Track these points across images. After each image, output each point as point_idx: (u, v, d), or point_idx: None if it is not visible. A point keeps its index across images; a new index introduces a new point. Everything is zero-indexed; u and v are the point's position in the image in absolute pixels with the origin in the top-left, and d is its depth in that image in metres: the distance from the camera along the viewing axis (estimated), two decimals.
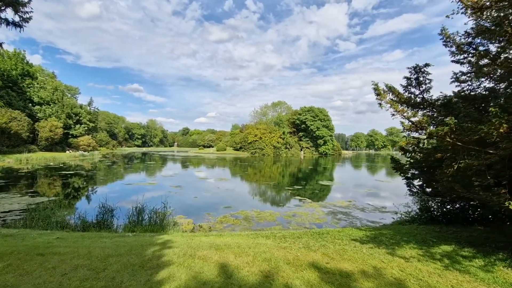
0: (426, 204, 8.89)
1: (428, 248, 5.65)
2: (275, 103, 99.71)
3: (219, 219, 11.53)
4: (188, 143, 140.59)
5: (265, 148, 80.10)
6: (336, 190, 20.71)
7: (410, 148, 8.75)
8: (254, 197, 17.91)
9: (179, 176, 27.47)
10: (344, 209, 13.90)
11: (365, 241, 6.14)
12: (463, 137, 5.13)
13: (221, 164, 46.70)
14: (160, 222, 9.27)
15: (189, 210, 13.02)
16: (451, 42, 9.95)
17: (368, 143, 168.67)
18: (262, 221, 11.32)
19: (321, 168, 43.34)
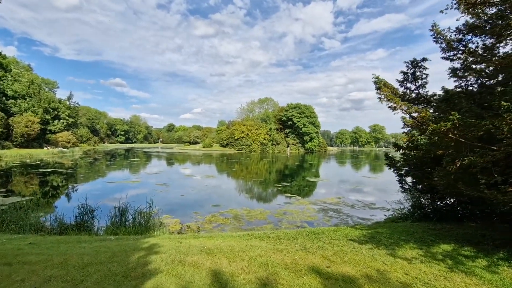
0: (419, 201, 8.81)
1: (428, 248, 5.48)
2: (262, 100, 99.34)
3: (208, 218, 11.08)
4: (173, 139, 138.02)
5: (252, 144, 79.72)
6: (324, 187, 20.67)
7: (404, 144, 8.63)
8: (242, 194, 17.54)
9: (165, 174, 26.67)
10: (334, 206, 13.78)
11: (363, 241, 5.91)
12: (466, 133, 4.94)
13: (208, 161, 45.98)
14: (145, 223, 8.72)
15: (176, 209, 12.48)
16: (441, 38, 9.89)
17: (352, 140, 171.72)
18: (252, 220, 10.97)
19: (308, 165, 43.50)
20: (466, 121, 4.92)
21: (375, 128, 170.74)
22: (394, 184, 23.64)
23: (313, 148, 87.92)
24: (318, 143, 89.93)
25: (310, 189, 19.78)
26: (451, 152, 5.19)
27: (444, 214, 8.76)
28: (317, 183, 22.45)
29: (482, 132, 4.68)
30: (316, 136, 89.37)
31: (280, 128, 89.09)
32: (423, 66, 7.37)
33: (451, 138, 5.06)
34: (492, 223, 7.96)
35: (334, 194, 17.21)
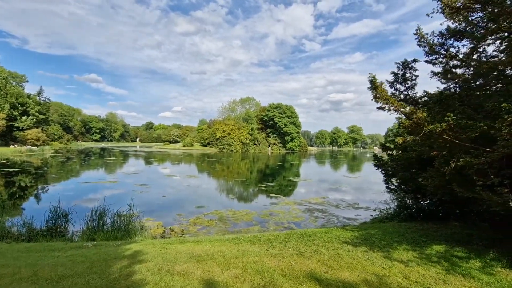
0: (404, 201, 8.93)
1: (422, 249, 5.45)
2: (244, 99, 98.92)
3: (192, 220, 10.64)
4: (152, 138, 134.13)
5: (233, 144, 79.11)
6: (307, 187, 20.74)
7: (392, 145, 8.69)
8: (227, 195, 17.16)
9: (144, 173, 25.65)
10: (319, 206, 13.78)
11: (357, 244, 5.80)
12: (460, 135, 4.94)
13: (189, 160, 44.98)
14: (125, 227, 8.16)
15: (158, 211, 11.90)
16: (425, 42, 10.09)
17: (331, 140, 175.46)
18: (238, 222, 10.66)
19: (289, 165, 43.75)
20: (460, 123, 4.92)
21: (353, 129, 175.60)
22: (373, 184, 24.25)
23: (294, 148, 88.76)
24: (299, 143, 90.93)
25: (293, 189, 19.77)
26: (445, 154, 5.18)
27: (428, 213, 8.93)
28: (300, 183, 22.51)
29: (477, 133, 4.68)
30: (297, 136, 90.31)
31: (262, 128, 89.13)
32: (413, 67, 7.42)
33: (446, 139, 5.05)
34: (472, 221, 8.20)
35: (318, 194, 17.26)
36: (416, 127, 5.28)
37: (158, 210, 12.02)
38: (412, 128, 5.26)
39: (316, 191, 18.88)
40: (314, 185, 21.62)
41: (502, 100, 4.50)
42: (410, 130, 5.25)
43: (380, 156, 8.81)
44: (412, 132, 5.37)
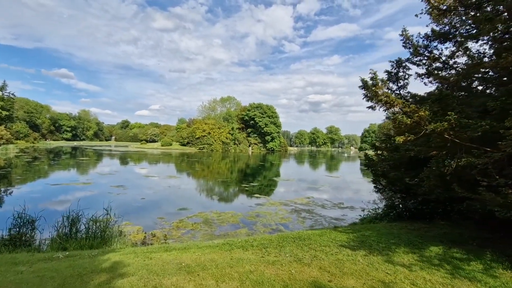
0: (392, 201, 8.90)
1: (420, 252, 5.31)
2: (224, 98, 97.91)
3: (175, 224, 10.01)
4: (128, 137, 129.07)
5: (213, 143, 77.94)
6: (291, 187, 20.60)
7: (382, 145, 8.62)
8: (210, 196, 16.57)
9: (120, 174, 24.32)
10: (305, 207, 13.60)
11: (355, 247, 5.56)
12: (461, 134, 4.83)
13: (168, 160, 43.57)
14: (101, 233, 7.43)
15: (137, 214, 11.13)
16: (410, 43, 10.17)
17: (310, 140, 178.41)
18: (224, 224, 10.19)
19: (271, 164, 43.68)
20: (461, 122, 4.81)
21: (331, 129, 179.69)
22: (354, 183, 24.60)
23: (274, 148, 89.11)
24: (279, 143, 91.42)
25: (277, 189, 19.53)
26: (444, 153, 5.05)
27: (414, 213, 8.98)
28: (283, 183, 22.34)
29: (478, 133, 4.58)
30: (278, 136, 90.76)
31: (242, 128, 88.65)
32: (407, 66, 7.34)
33: (446, 138, 4.92)
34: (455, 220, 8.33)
35: (302, 194, 17.14)
36: (416, 126, 5.11)
37: (137, 214, 11.25)
38: (411, 127, 5.09)
39: (300, 191, 18.76)
40: (297, 185, 21.54)
41: (504, 99, 4.41)
42: (408, 129, 5.07)
43: (371, 156, 8.72)
44: (410, 131, 5.20)
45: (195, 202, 14.15)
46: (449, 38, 9.16)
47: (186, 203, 13.42)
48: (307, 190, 19.02)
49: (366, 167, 8.82)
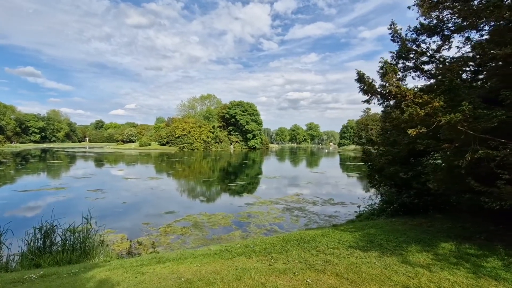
0: (391, 196, 8.75)
1: (433, 249, 5.07)
2: (204, 96, 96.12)
3: (163, 229, 9.29)
4: (103, 138, 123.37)
5: (194, 142, 76.29)
6: (279, 184, 20.29)
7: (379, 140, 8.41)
8: (197, 197, 15.83)
9: (97, 177, 22.84)
10: (297, 204, 13.30)
11: (365, 248, 5.24)
12: (475, 125, 4.60)
13: (147, 161, 41.89)
14: (81, 245, 6.62)
15: (119, 221, 10.26)
16: (398, 37, 10.07)
17: (291, 137, 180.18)
18: (216, 227, 9.61)
19: (254, 162, 43.30)
20: (475, 112, 4.59)
21: (311, 126, 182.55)
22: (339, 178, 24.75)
23: (256, 146, 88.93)
24: (260, 141, 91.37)
25: (265, 187, 19.13)
26: (458, 146, 4.82)
27: (410, 207, 8.91)
28: (270, 181, 21.99)
29: (495, 124, 4.37)
30: (259, 134, 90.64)
31: (223, 126, 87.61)
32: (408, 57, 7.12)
33: (459, 130, 4.69)
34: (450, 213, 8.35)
35: (291, 192, 16.86)
36: (425, 118, 4.84)
37: (119, 220, 10.38)
38: (422, 119, 4.81)
39: (288, 188, 18.50)
40: (284, 183, 21.28)
41: None
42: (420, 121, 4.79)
43: (368, 151, 8.51)
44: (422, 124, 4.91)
45: (182, 204, 13.41)
46: (437, 31, 9.13)
47: (172, 206, 12.66)
48: (295, 187, 18.79)
49: (363, 162, 8.62)
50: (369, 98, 9.16)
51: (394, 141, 7.69)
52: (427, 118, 4.84)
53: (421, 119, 4.78)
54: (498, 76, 6.27)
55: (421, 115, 4.57)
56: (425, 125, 4.93)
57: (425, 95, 4.74)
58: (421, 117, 4.64)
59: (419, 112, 4.58)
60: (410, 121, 5.01)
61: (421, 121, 4.91)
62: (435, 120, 4.79)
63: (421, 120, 4.90)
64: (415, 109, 4.61)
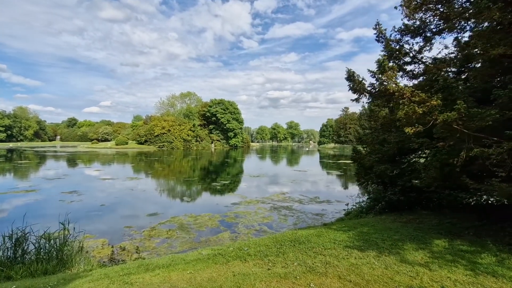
0: (379, 194, 8.86)
1: (427, 247, 5.11)
2: (184, 94, 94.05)
3: (147, 232, 8.83)
4: (76, 136, 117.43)
5: (174, 141, 74.52)
6: (263, 183, 20.17)
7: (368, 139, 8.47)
8: (180, 198, 15.31)
9: (71, 177, 21.55)
10: (283, 203, 13.22)
11: (362, 247, 5.18)
12: (469, 124, 4.66)
13: (125, 160, 40.29)
14: (58, 253, 6.09)
15: (99, 225, 9.64)
16: (383, 37, 10.24)
17: (271, 136, 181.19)
18: (203, 229, 9.28)
19: (237, 161, 42.97)
20: (470, 111, 4.64)
21: (291, 124, 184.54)
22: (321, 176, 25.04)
23: (237, 144, 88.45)
24: (242, 139, 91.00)
25: (250, 186, 18.93)
26: (452, 144, 4.87)
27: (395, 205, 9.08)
28: (255, 180, 21.82)
29: (489, 122, 4.44)
30: (240, 132, 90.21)
31: (204, 124, 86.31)
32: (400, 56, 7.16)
33: (454, 129, 4.73)
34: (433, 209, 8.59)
35: (276, 190, 16.79)
36: (421, 116, 4.84)
37: (99, 224, 9.75)
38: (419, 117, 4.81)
39: (273, 187, 18.42)
40: (269, 181, 21.20)
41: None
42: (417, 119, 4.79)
43: (359, 150, 8.55)
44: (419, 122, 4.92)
45: (165, 205, 12.90)
46: (420, 33, 9.35)
47: (155, 208, 12.12)
48: (280, 186, 18.75)
49: (353, 161, 8.66)
50: (358, 97, 9.23)
51: (383, 139, 7.76)
52: (422, 116, 4.85)
53: (417, 117, 4.77)
54: (483, 76, 6.45)
55: (418, 113, 4.56)
56: (421, 123, 4.94)
57: (422, 93, 4.73)
58: (418, 115, 4.63)
59: (416, 110, 4.56)
60: (406, 119, 5.00)
61: (418, 119, 4.91)
62: (430, 118, 4.81)
63: (417, 118, 4.90)
64: (413, 107, 4.59)
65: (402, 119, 5.12)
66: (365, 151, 8.40)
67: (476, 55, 5.88)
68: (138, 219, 10.37)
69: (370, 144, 8.24)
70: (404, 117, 4.93)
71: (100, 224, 9.68)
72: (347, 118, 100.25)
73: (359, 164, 8.68)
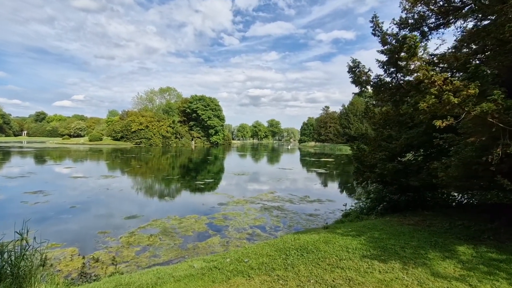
0: (380, 194, 8.34)
1: (453, 255, 4.55)
2: (163, 89, 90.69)
3: (124, 239, 7.73)
4: (45, 131, 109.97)
5: (152, 137, 71.63)
6: (250, 182, 19.37)
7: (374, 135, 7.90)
8: (162, 198, 14.11)
9: (37, 176, 19.51)
10: (273, 203, 12.49)
11: (381, 257, 4.52)
12: (505, 117, 4.11)
13: (99, 157, 37.84)
14: (12, 269, 4.93)
15: (67, 231, 8.38)
16: (379, 31, 9.77)
17: (252, 133, 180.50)
18: (189, 233, 8.32)
19: (219, 158, 41.81)
20: (507, 102, 4.10)
21: (272, 122, 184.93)
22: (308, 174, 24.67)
23: (218, 142, 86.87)
24: (223, 136, 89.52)
25: (236, 185, 18.04)
26: (485, 140, 4.31)
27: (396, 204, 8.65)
28: (240, 178, 20.94)
29: None
30: (221, 130, 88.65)
31: (184, 121, 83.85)
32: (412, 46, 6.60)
33: (491, 122, 4.16)
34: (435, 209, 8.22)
35: (264, 189, 16.04)
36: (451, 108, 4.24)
37: (67, 230, 8.49)
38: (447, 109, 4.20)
39: (260, 186, 17.67)
40: (255, 180, 20.43)
41: None
42: (448, 111, 4.18)
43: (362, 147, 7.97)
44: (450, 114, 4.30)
45: (145, 206, 11.73)
46: (417, 27, 8.96)
47: (133, 209, 10.95)
48: (267, 185, 18.02)
49: (355, 159, 8.07)
50: (361, 90, 8.64)
51: (389, 136, 7.21)
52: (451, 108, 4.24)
53: (448, 109, 4.16)
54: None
55: (454, 103, 3.93)
56: (454, 116, 4.33)
57: (456, 81, 4.11)
58: (451, 106, 4.02)
59: (451, 100, 3.93)
60: (432, 112, 4.38)
61: (448, 111, 4.30)
62: (462, 110, 4.21)
63: (448, 110, 4.29)
64: (448, 96, 3.95)
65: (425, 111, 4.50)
66: (369, 149, 7.81)
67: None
68: (115, 223, 9.19)
69: (372, 141, 7.66)
70: (432, 109, 4.30)
71: (69, 230, 8.42)
72: (327, 117, 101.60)
73: (361, 162, 8.09)
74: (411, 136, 6.54)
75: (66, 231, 8.32)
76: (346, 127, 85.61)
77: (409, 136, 6.54)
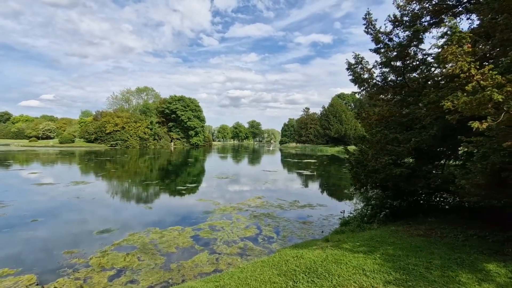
0: (383, 200, 7.79)
1: (487, 277, 3.96)
2: (140, 89, 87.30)
3: (95, 260, 6.58)
4: (9, 133, 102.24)
5: (129, 139, 68.55)
6: (235, 186, 18.44)
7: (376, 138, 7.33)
8: (140, 207, 12.82)
9: None
10: (262, 210, 11.69)
11: (407, 283, 3.84)
12: None
13: (70, 161, 35.21)
14: None
15: (24, 251, 7.07)
16: (372, 29, 9.37)
17: (233, 135, 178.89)
18: (172, 250, 7.31)
19: (200, 161, 40.42)
20: None
21: (253, 124, 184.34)
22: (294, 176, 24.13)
23: (198, 143, 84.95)
24: (203, 138, 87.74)
25: (220, 189, 17.03)
26: None
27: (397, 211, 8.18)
28: (224, 182, 19.95)
29: None
30: (202, 131, 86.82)
31: (163, 122, 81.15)
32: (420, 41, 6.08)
33: None
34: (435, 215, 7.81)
35: (250, 194, 15.21)
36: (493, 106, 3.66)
37: (24, 250, 7.17)
38: (484, 108, 3.62)
39: (246, 190, 16.80)
40: (240, 184, 19.54)
41: None
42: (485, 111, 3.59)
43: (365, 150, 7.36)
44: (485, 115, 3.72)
45: (121, 218, 10.49)
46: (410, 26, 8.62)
47: (107, 221, 9.70)
48: (253, 189, 17.20)
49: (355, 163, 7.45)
50: (365, 88, 8.07)
51: (395, 138, 6.64)
52: (494, 106, 3.66)
53: (490, 107, 3.56)
54: None
55: (497, 100, 3.33)
56: (487, 115, 3.74)
57: (497, 75, 3.51)
58: (494, 103, 3.42)
59: (495, 97, 3.33)
60: (466, 110, 3.77)
61: (484, 110, 3.71)
62: (501, 110, 3.63)
63: (482, 109, 3.70)
64: (491, 92, 3.35)
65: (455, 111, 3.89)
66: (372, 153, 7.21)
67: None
68: (84, 239, 7.96)
69: (375, 144, 7.08)
70: (465, 107, 3.69)
71: (28, 251, 7.11)
72: (308, 118, 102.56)
73: (363, 166, 7.49)
74: (422, 139, 6.00)
75: (24, 252, 7.01)
76: (327, 128, 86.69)
77: (419, 139, 5.99)
